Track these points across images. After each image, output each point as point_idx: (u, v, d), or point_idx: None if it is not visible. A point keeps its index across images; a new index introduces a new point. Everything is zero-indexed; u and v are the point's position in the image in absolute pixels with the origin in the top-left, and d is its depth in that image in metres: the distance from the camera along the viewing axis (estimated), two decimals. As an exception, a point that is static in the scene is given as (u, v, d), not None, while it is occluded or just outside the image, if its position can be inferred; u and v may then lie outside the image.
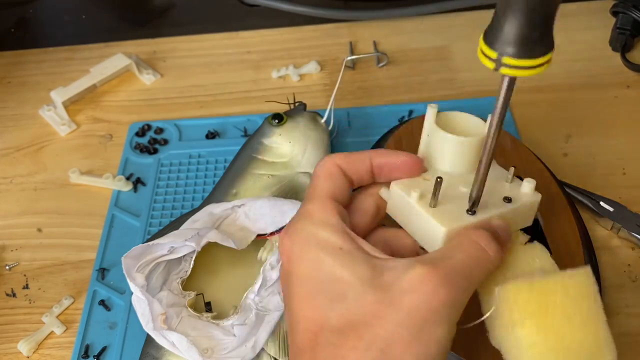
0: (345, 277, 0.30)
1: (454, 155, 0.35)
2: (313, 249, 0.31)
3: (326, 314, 0.30)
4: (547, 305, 0.31)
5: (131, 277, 0.42)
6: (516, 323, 0.31)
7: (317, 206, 0.33)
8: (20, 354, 0.47)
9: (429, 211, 0.33)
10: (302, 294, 0.31)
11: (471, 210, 0.33)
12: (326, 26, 0.71)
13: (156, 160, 0.58)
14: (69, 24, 0.76)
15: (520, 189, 0.35)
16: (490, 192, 0.34)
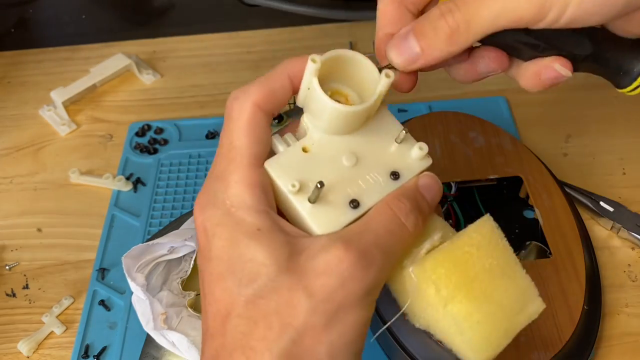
0: (260, 259, 0.27)
1: (336, 122, 0.30)
2: (228, 227, 0.29)
3: (236, 298, 0.27)
4: (467, 269, 0.29)
5: (131, 276, 0.42)
6: (447, 300, 0.29)
7: (237, 177, 0.29)
8: (20, 354, 0.47)
9: (308, 211, 0.29)
10: (214, 274, 0.29)
11: (353, 204, 0.30)
12: (326, 26, 0.71)
13: (156, 160, 0.58)
14: (69, 24, 0.76)
15: (410, 154, 0.31)
16: (376, 161, 0.31)
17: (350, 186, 0.30)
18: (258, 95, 0.31)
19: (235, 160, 0.30)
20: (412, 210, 0.30)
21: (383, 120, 0.32)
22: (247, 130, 0.30)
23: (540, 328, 0.41)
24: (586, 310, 0.42)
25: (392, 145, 0.32)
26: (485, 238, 0.30)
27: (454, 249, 0.30)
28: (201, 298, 0.30)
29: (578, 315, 0.41)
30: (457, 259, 0.30)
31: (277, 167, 0.30)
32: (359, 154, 0.31)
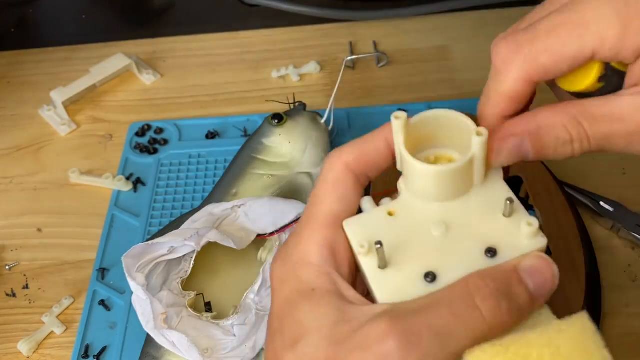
0: (306, 323, 0.26)
1: (428, 185, 0.27)
2: (289, 285, 0.28)
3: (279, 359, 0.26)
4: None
5: (131, 276, 0.42)
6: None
7: (308, 234, 0.28)
8: (20, 354, 0.47)
9: (373, 274, 0.26)
10: (269, 330, 0.28)
11: (429, 277, 0.26)
12: (326, 26, 0.71)
13: (156, 160, 0.58)
14: (69, 24, 0.76)
15: (519, 230, 0.26)
16: (471, 233, 0.27)
17: (432, 257, 0.26)
18: (350, 155, 0.29)
19: (312, 217, 0.29)
20: (495, 293, 0.24)
21: (491, 190, 0.28)
22: (331, 189, 0.29)
23: (541, 328, 0.40)
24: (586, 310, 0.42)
25: (497, 220, 0.27)
26: (572, 342, 0.24)
27: (517, 343, 0.23)
28: None
29: (578, 316, 0.41)
30: (520, 357, 0.23)
31: (354, 227, 0.28)
32: (452, 224, 0.27)
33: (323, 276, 0.27)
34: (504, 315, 0.24)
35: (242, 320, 0.43)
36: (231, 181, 0.51)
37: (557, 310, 0.42)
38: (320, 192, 0.29)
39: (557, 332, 0.24)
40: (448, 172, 0.27)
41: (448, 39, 0.68)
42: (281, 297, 0.28)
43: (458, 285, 0.25)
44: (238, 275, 0.47)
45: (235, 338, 0.42)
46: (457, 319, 0.24)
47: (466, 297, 0.24)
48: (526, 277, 0.25)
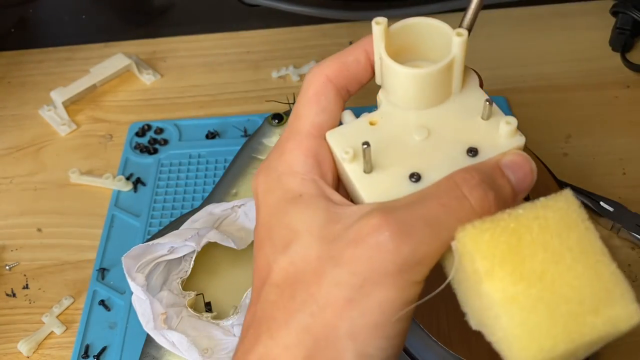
0: (295, 225, 0.26)
1: (410, 91, 0.28)
2: (275, 194, 0.28)
3: (272, 265, 0.26)
4: (520, 246, 0.23)
5: (131, 276, 0.42)
6: (483, 277, 0.23)
7: (292, 145, 0.28)
8: (20, 354, 0.47)
9: (359, 180, 0.27)
10: (257, 240, 0.28)
11: (414, 177, 0.26)
12: (326, 26, 0.71)
13: (156, 160, 0.58)
14: (69, 24, 0.75)
15: (497, 131, 0.27)
16: (452, 137, 0.27)
17: (416, 160, 0.27)
18: (330, 68, 0.29)
19: (295, 129, 0.29)
20: (481, 184, 0.25)
21: (469, 96, 0.28)
22: (313, 101, 0.29)
23: (540, 328, 0.40)
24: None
25: (476, 123, 0.27)
26: (558, 214, 0.24)
27: (508, 219, 0.24)
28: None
29: (578, 315, 0.41)
30: (509, 230, 0.23)
31: (337, 136, 0.28)
32: (433, 129, 0.27)
33: (309, 182, 0.27)
34: (491, 204, 0.25)
35: (242, 320, 0.43)
36: (231, 181, 0.51)
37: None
38: (302, 105, 0.29)
39: (543, 207, 0.24)
40: (429, 74, 0.27)
41: (448, 39, 0.68)
42: (268, 206, 0.28)
43: (444, 180, 0.25)
44: (238, 275, 0.47)
45: (235, 338, 0.42)
46: (446, 209, 0.24)
47: (454, 189, 0.25)
48: (508, 171, 0.26)
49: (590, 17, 0.69)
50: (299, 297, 0.25)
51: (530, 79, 0.64)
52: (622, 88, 0.62)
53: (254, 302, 0.27)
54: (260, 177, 0.29)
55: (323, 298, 0.24)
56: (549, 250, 0.23)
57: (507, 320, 0.22)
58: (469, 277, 0.24)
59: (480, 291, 0.23)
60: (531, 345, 0.22)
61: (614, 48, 0.65)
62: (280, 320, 0.25)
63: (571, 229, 0.24)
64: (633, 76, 0.63)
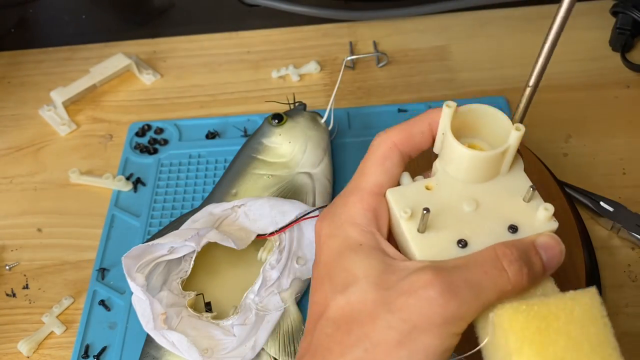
0: (355, 270, 0.30)
1: (466, 167, 0.32)
2: (337, 239, 0.32)
3: (330, 302, 0.30)
4: (548, 330, 0.27)
5: (131, 277, 0.42)
6: (513, 351, 0.27)
7: (355, 199, 0.33)
8: (20, 354, 0.47)
9: (413, 238, 0.31)
10: (317, 278, 0.32)
11: (461, 243, 0.30)
12: (326, 26, 0.71)
13: (156, 160, 0.58)
14: (69, 24, 0.76)
15: (536, 214, 0.31)
16: (496, 213, 0.31)
17: (464, 228, 0.31)
18: (398, 136, 0.33)
19: (359, 185, 0.33)
20: (518, 260, 0.29)
21: (514, 178, 0.33)
22: (379, 162, 0.33)
23: (541, 328, 0.41)
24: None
25: (518, 203, 0.32)
26: (582, 308, 0.28)
27: (540, 304, 0.28)
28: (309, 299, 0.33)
29: (578, 316, 0.41)
30: (540, 315, 0.28)
31: (396, 195, 0.32)
32: (481, 202, 0.32)
33: (368, 234, 0.31)
34: (524, 278, 0.29)
35: (242, 320, 0.43)
36: (231, 181, 0.51)
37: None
38: (368, 164, 0.33)
39: (571, 299, 0.28)
40: (486, 157, 0.31)
41: (448, 39, 0.68)
42: (330, 248, 0.32)
43: (487, 251, 0.29)
44: (238, 275, 0.47)
45: (235, 338, 0.42)
46: (488, 277, 0.28)
47: (495, 261, 0.29)
48: (541, 250, 0.30)
49: (590, 17, 0.69)
50: (354, 334, 0.28)
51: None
52: (622, 88, 0.62)
53: (310, 331, 0.31)
54: (324, 221, 0.33)
55: (376, 338, 0.28)
56: (572, 339, 0.27)
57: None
58: (499, 348, 0.28)
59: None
60: None
61: (614, 48, 0.65)
62: (337, 352, 0.28)
63: (592, 322, 0.28)
64: (633, 76, 0.63)
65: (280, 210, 0.46)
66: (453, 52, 0.67)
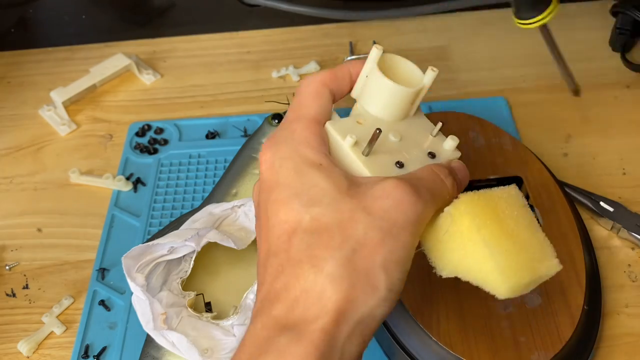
0: (323, 185, 0.31)
1: (389, 102, 0.36)
2: (294, 160, 0.33)
3: (301, 216, 0.31)
4: (497, 211, 0.33)
5: (131, 277, 0.42)
6: (480, 226, 0.32)
7: (302, 125, 0.34)
8: (20, 354, 0.47)
9: (362, 159, 0.34)
10: (279, 199, 0.32)
11: (398, 164, 0.34)
12: (326, 26, 0.71)
13: (156, 160, 0.58)
14: (69, 24, 0.76)
15: (443, 144, 0.37)
16: (416, 143, 0.36)
17: (396, 153, 0.35)
18: (325, 76, 0.36)
19: (301, 115, 0.35)
20: (450, 175, 0.34)
21: (420, 119, 0.38)
22: (314, 97, 0.35)
23: (540, 328, 0.41)
24: (586, 310, 0.42)
25: (428, 137, 0.37)
26: (512, 197, 0.34)
27: (484, 195, 0.33)
28: (257, 227, 0.34)
29: (578, 315, 0.41)
30: (489, 201, 0.33)
31: (337, 126, 0.35)
32: (403, 135, 0.36)
33: (324, 156, 0.33)
34: (455, 189, 0.34)
35: (242, 320, 0.43)
36: (231, 181, 0.51)
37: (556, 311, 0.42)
38: (303, 99, 0.36)
39: (502, 192, 0.34)
40: (407, 92, 0.35)
41: (448, 39, 0.68)
42: (289, 170, 0.33)
43: (426, 169, 0.34)
44: (238, 275, 0.47)
45: (235, 338, 0.42)
46: (436, 185, 0.33)
47: (436, 174, 0.33)
48: (457, 171, 0.35)
49: (590, 17, 0.69)
50: (338, 238, 0.30)
51: (530, 79, 0.64)
52: (622, 88, 0.62)
53: (282, 250, 0.31)
54: (273, 147, 0.34)
55: (361, 237, 0.30)
56: (514, 219, 0.33)
57: (500, 257, 0.31)
58: (459, 235, 0.32)
59: (473, 241, 0.32)
60: (516, 277, 0.31)
61: (614, 48, 0.65)
62: (325, 256, 0.30)
63: (521, 206, 0.34)
64: (633, 76, 0.63)
65: (280, 210, 0.46)
66: (453, 52, 0.67)
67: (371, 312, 0.29)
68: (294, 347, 0.28)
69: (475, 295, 0.34)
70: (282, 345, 0.28)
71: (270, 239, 0.32)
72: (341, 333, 0.29)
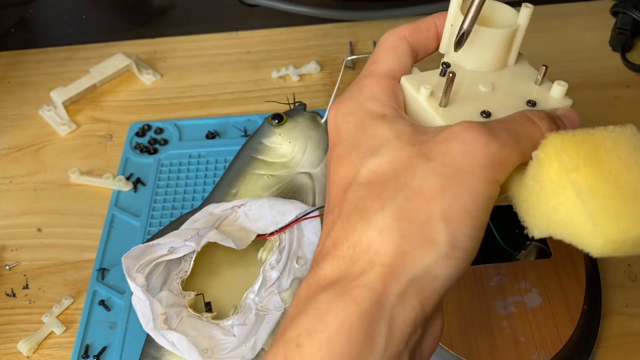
0: (383, 134, 0.29)
1: (479, 49, 0.32)
2: (357, 115, 0.30)
3: (358, 169, 0.28)
4: (597, 151, 0.27)
5: (131, 277, 0.42)
6: (570, 170, 0.26)
7: (371, 81, 0.32)
8: (20, 354, 0.47)
9: (437, 110, 0.30)
10: (340, 154, 0.30)
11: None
12: (326, 26, 0.71)
13: (156, 160, 0.58)
14: (69, 24, 0.76)
15: (549, 92, 0.32)
16: (512, 92, 0.32)
17: (484, 103, 0.31)
18: (407, 29, 0.33)
19: (374, 71, 0.32)
20: (547, 117, 0.29)
21: (522, 68, 0.33)
22: (390, 51, 0.32)
23: (540, 328, 0.41)
24: (586, 310, 0.42)
25: (531, 86, 0.32)
26: (625, 138, 0.28)
27: (584, 133, 0.28)
28: (326, 185, 0.31)
29: (578, 315, 0.41)
30: (588, 140, 0.27)
31: (413, 80, 0.32)
32: (496, 85, 0.32)
33: (390, 108, 0.30)
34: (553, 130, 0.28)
35: (242, 320, 0.43)
36: (231, 181, 0.51)
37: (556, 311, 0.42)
38: (379, 53, 0.33)
39: (613, 131, 0.28)
40: (501, 34, 0.31)
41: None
42: (350, 124, 0.30)
43: (517, 113, 0.29)
44: (238, 275, 0.47)
45: (235, 338, 0.42)
46: (524, 127, 0.28)
47: (527, 118, 0.29)
48: (564, 119, 0.30)
49: (590, 17, 0.69)
50: (392, 187, 0.27)
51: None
52: (622, 88, 0.62)
53: (337, 205, 0.28)
54: (338, 105, 0.31)
55: (417, 185, 0.26)
56: (622, 160, 0.27)
57: (594, 204, 0.26)
58: (547, 182, 0.27)
59: (562, 187, 0.26)
60: (607, 228, 0.25)
61: (614, 48, 0.65)
62: (375, 208, 0.26)
63: (637, 150, 0.27)
64: (633, 76, 0.63)
65: (280, 210, 0.46)
66: (453, 52, 0.67)
67: (429, 270, 0.25)
68: (334, 305, 0.25)
69: (475, 295, 0.33)
70: (321, 303, 0.25)
71: (330, 197, 0.30)
72: (390, 291, 0.25)
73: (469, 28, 0.30)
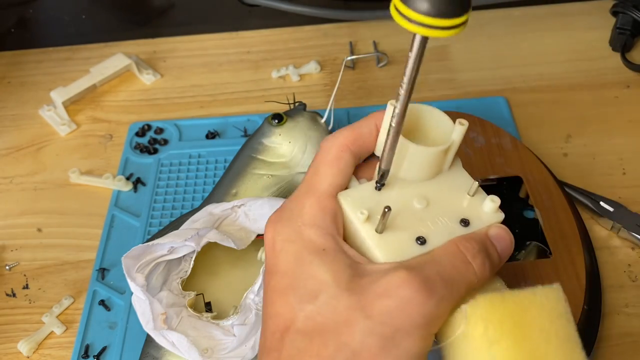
0: (322, 277, 0.28)
1: (412, 164, 0.32)
2: (296, 244, 0.30)
3: (295, 314, 0.28)
4: (522, 323, 0.28)
5: (131, 277, 0.42)
6: (493, 342, 0.27)
7: (312, 202, 0.31)
8: (20, 354, 0.47)
9: (373, 238, 0.30)
10: (276, 288, 0.30)
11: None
12: (326, 26, 0.71)
13: (156, 160, 0.58)
14: (69, 24, 0.76)
15: (482, 207, 0.32)
16: (447, 208, 0.31)
17: (419, 225, 0.31)
18: (348, 137, 0.33)
19: (314, 186, 0.32)
20: (480, 252, 0.29)
21: (456, 175, 0.33)
22: (333, 163, 0.32)
23: (540, 328, 0.41)
24: (586, 310, 0.42)
25: (464, 198, 0.32)
26: (550, 303, 0.29)
27: (513, 298, 0.29)
28: (263, 311, 0.31)
29: (578, 315, 0.41)
30: (514, 308, 0.28)
31: (348, 198, 0.31)
32: (430, 200, 0.32)
33: (330, 238, 0.30)
34: (487, 270, 0.29)
35: (242, 320, 0.43)
36: (231, 181, 0.51)
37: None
38: (322, 165, 0.32)
39: (540, 294, 0.29)
40: (432, 152, 0.31)
41: (448, 39, 0.68)
42: (289, 255, 0.30)
43: (450, 246, 0.29)
44: (238, 275, 0.47)
45: (235, 338, 0.42)
46: (457, 271, 0.28)
47: (460, 255, 0.29)
48: (495, 242, 0.31)
49: (590, 17, 0.69)
50: (331, 345, 0.27)
51: (530, 79, 0.64)
52: (622, 88, 0.62)
53: (275, 349, 0.29)
54: (277, 225, 0.31)
55: (356, 346, 0.26)
56: (544, 331, 0.28)
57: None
58: (472, 339, 0.28)
59: (488, 351, 0.27)
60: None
61: (614, 48, 0.65)
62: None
63: (559, 317, 0.29)
64: (633, 76, 0.63)
65: (280, 210, 0.46)
66: (453, 52, 0.67)
67: None
68: None
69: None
70: None
71: (266, 333, 0.30)
72: None
73: (386, 168, 0.31)
